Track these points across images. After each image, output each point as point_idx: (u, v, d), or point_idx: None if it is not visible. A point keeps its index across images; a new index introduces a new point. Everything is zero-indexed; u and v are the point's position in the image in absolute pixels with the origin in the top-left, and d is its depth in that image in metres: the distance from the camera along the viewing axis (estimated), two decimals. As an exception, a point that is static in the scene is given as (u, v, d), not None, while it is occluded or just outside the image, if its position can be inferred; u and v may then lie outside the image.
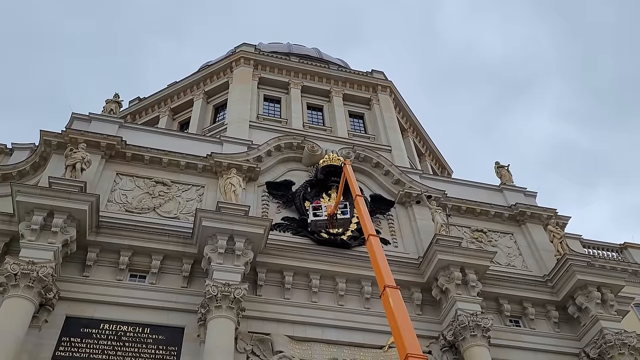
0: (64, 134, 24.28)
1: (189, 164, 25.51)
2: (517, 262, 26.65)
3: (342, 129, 34.19)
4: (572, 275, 23.77)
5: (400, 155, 33.12)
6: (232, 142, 27.84)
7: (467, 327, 20.94)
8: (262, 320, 20.89)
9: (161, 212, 23.43)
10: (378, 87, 38.78)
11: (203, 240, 20.97)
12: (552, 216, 28.36)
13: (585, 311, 23.46)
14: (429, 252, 23.28)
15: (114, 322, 19.45)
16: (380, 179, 28.47)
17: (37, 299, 18.14)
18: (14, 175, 24.64)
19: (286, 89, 36.79)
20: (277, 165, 27.69)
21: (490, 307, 23.53)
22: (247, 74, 36.36)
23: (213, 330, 18.81)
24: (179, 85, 38.79)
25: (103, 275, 20.60)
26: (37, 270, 18.10)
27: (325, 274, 22.69)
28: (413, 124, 41.54)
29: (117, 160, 24.74)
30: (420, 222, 26.45)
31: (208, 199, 24.56)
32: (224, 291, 19.29)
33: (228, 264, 20.53)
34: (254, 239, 21.30)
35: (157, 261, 21.12)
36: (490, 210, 28.34)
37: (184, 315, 20.13)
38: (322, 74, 38.32)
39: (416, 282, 23.45)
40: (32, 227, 19.26)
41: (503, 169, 32.13)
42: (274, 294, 21.99)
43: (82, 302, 19.63)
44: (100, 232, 21.01)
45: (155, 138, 27.01)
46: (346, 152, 28.59)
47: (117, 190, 23.77)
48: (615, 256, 33.26)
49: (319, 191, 26.70)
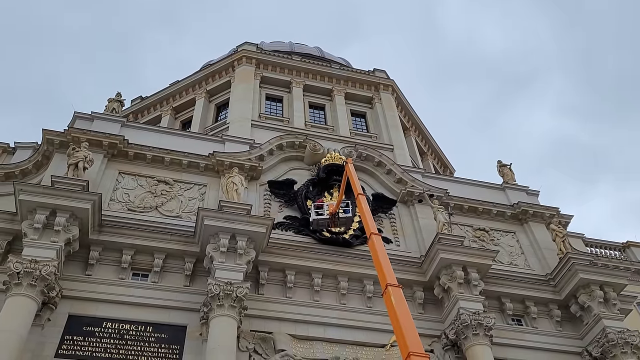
0: (67, 132, 24.33)
1: (191, 163, 25.54)
2: (519, 261, 26.62)
3: (344, 128, 34.18)
4: (575, 274, 23.74)
5: (402, 154, 33.08)
6: (234, 141, 27.86)
7: (469, 326, 20.94)
8: (264, 319, 20.93)
9: (163, 211, 23.46)
10: (380, 85, 38.74)
11: (205, 239, 21.00)
12: (554, 215, 28.34)
13: (588, 310, 23.43)
14: (431, 250, 23.27)
15: (117, 321, 19.50)
16: (383, 177, 28.46)
17: (39, 298, 18.18)
18: (17, 174, 24.68)
19: (288, 88, 36.77)
20: (279, 164, 27.70)
21: (492, 305, 23.53)
22: (249, 73, 36.37)
23: (215, 328, 18.84)
24: (181, 84, 38.81)
25: (105, 274, 20.65)
26: (40, 269, 18.14)
27: (328, 272, 22.71)
28: (415, 123, 41.51)
29: (119, 159, 24.78)
30: (423, 220, 26.45)
31: (210, 197, 24.59)
32: (226, 290, 19.32)
33: (230, 263, 20.56)
34: (256, 238, 21.32)
35: (159, 260, 21.16)
36: (493, 209, 28.32)
37: (186, 313, 20.17)
38: (324, 72, 38.28)
39: (418, 281, 23.46)
40: (35, 226, 19.31)
41: (505, 168, 32.11)
42: (276, 293, 22.02)
43: (85, 300, 19.68)
44: (103, 230, 21.05)
45: (158, 137, 27.05)
46: (348, 151, 28.58)
47: (119, 189, 23.82)
48: (618, 255, 33.19)
49: (321, 190, 26.71)
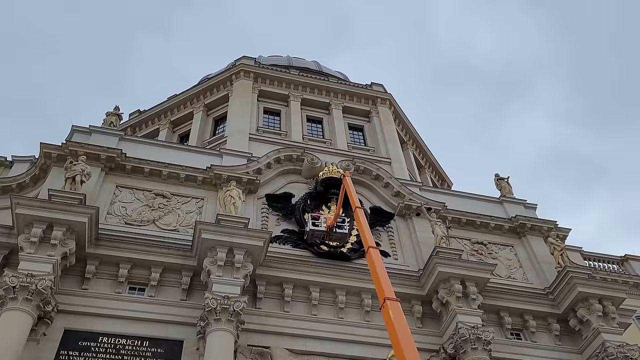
0: (64, 146, 24.32)
1: (188, 177, 25.52)
2: (517, 275, 26.54)
3: (341, 142, 34.27)
4: (573, 288, 23.69)
5: (400, 167, 33.18)
6: (231, 155, 27.87)
7: (468, 340, 20.83)
8: (261, 334, 20.79)
9: (161, 225, 23.39)
10: (377, 99, 38.94)
11: (202, 253, 20.92)
12: (552, 228, 28.34)
13: (587, 324, 23.34)
14: (429, 264, 23.22)
15: (113, 335, 19.32)
16: (380, 191, 28.47)
17: (35, 312, 18.04)
18: (14, 187, 24.61)
19: (286, 102, 36.89)
20: (276, 177, 27.70)
21: (491, 319, 23.42)
22: (247, 87, 36.52)
23: (212, 343, 18.70)
24: (179, 98, 38.93)
25: (102, 288, 20.53)
26: (36, 283, 18.02)
27: (325, 286, 22.61)
28: (412, 136, 41.64)
29: (117, 172, 24.76)
30: (420, 234, 26.41)
31: (208, 211, 24.54)
32: (223, 304, 19.21)
33: (227, 277, 20.46)
34: (253, 252, 21.25)
35: (156, 274, 21.06)
36: (491, 222, 28.31)
37: (183, 328, 20.02)
38: (322, 86, 38.46)
39: (416, 295, 23.37)
40: (32, 240, 19.21)
41: (503, 181, 32.15)
42: (274, 307, 21.89)
43: (81, 315, 19.53)
44: (100, 244, 20.96)
45: (155, 150, 27.04)
46: (346, 165, 28.61)
47: (116, 202, 23.76)
48: (616, 268, 33.12)
49: (319, 203, 26.67)
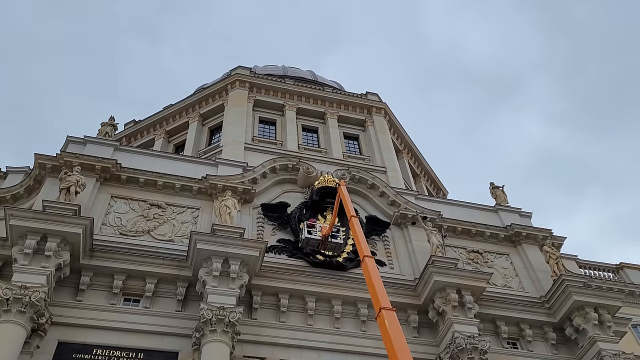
0: (59, 157, 24.27)
1: (183, 187, 25.46)
2: (513, 283, 26.55)
3: (337, 151, 34.34)
4: (569, 296, 23.69)
5: (395, 176, 33.20)
6: (227, 164, 27.85)
7: (464, 350, 20.76)
8: (257, 344, 20.68)
9: (156, 235, 23.30)
10: (373, 108, 39.06)
11: (198, 263, 20.83)
12: (547, 237, 28.40)
13: (583, 332, 23.32)
14: (425, 273, 23.18)
15: (107, 347, 19.19)
16: (376, 200, 28.47)
17: (29, 324, 17.90)
18: (8, 198, 24.56)
19: (281, 111, 36.97)
20: (272, 187, 27.68)
21: (487, 328, 23.39)
22: (243, 97, 36.58)
23: (208, 354, 18.58)
24: (174, 108, 38.96)
25: (96, 300, 20.40)
26: (30, 295, 17.89)
27: (321, 296, 22.54)
28: (408, 145, 41.75)
29: (111, 183, 24.69)
30: (416, 243, 26.40)
31: (203, 221, 24.46)
32: (218, 315, 19.11)
33: (223, 287, 20.38)
34: (249, 262, 21.17)
35: (151, 285, 20.94)
36: (486, 231, 28.33)
37: (178, 339, 19.89)
38: (317, 96, 38.57)
39: (412, 304, 23.32)
40: (25, 251, 19.11)
41: (498, 190, 32.27)
42: (270, 317, 21.80)
43: (75, 327, 19.39)
44: (94, 255, 20.85)
45: (151, 160, 27.00)
46: (341, 174, 28.61)
47: (111, 213, 23.67)
48: (612, 276, 33.20)
49: (315, 213, 26.64)
